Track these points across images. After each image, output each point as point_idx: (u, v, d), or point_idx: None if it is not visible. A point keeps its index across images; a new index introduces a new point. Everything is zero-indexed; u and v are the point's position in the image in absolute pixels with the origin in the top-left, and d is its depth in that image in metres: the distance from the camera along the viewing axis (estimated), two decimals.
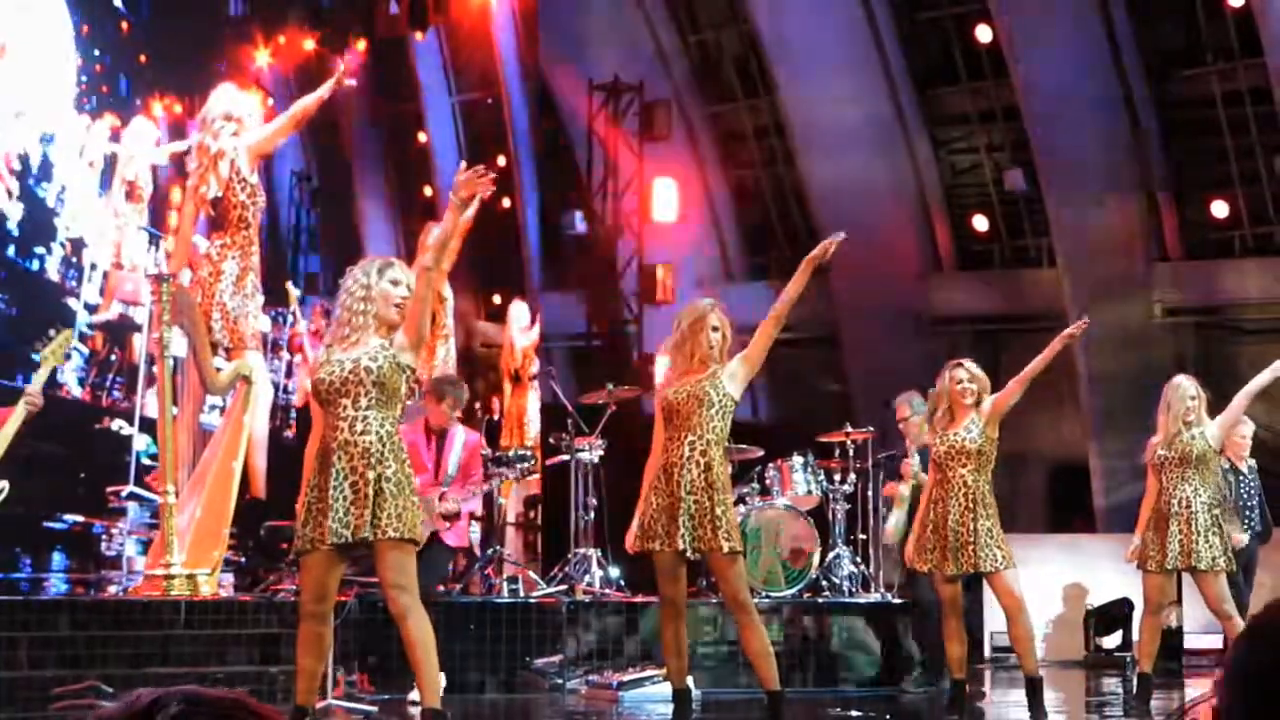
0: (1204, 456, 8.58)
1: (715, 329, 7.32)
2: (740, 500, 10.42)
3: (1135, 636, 10.27)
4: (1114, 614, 12.65)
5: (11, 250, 11.49)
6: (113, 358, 11.69)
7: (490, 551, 10.66)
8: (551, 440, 11.54)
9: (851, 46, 16.29)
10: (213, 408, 10.08)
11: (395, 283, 6.41)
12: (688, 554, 7.30)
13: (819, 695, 9.75)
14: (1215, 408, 8.73)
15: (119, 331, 11.85)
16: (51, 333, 9.75)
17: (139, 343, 11.67)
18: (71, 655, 8.28)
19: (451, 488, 9.70)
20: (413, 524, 6.27)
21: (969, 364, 8.33)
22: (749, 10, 16.66)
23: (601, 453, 10.89)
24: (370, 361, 6.30)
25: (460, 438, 9.91)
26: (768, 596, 10.27)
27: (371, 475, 6.22)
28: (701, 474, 7.19)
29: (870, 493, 11.55)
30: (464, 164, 6.56)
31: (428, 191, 17.04)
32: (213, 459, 9.93)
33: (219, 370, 9.45)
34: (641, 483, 7.40)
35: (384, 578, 6.35)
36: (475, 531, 10.87)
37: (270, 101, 13.14)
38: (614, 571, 10.93)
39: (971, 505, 8.05)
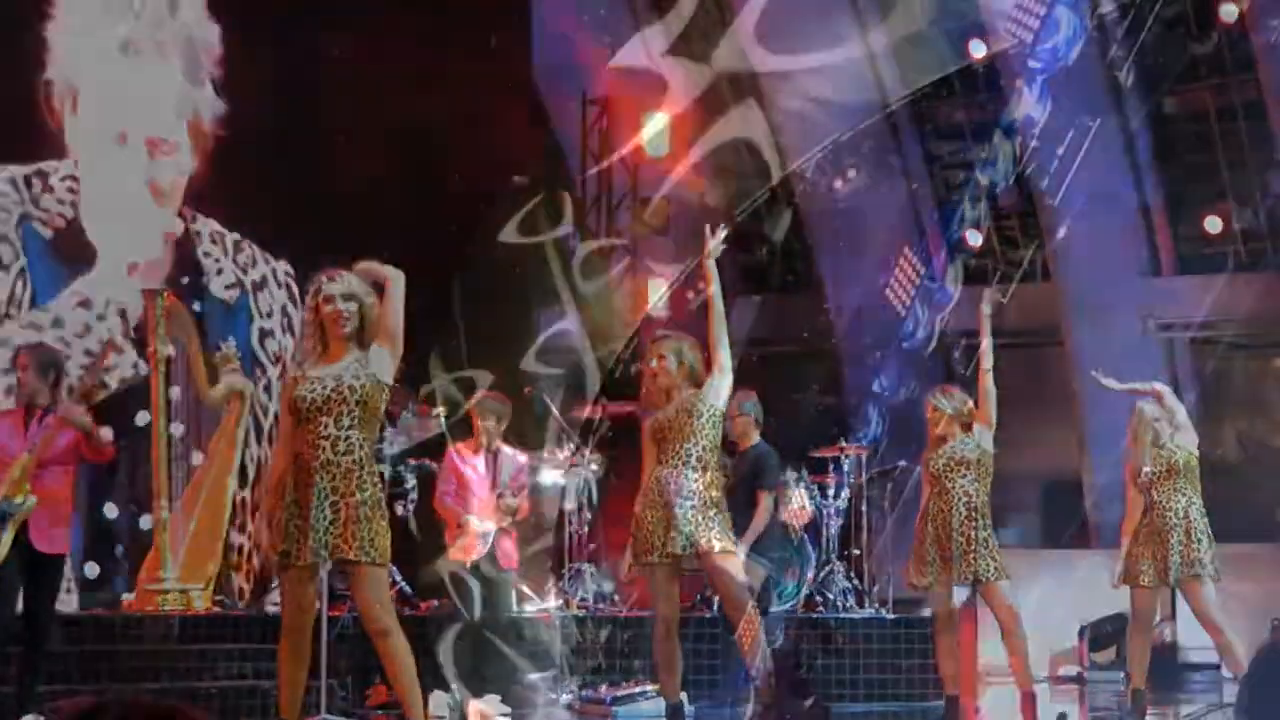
0: (1189, 463, 8.59)
1: (662, 357, 7.46)
2: None
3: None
4: (1108, 629, 12.63)
5: None
6: None
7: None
8: (545, 455, 11.50)
9: (845, 58, 16.28)
10: None
11: (328, 300, 6.33)
12: (682, 561, 7.32)
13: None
14: (1204, 419, 8.75)
15: None
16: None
17: None
18: (64, 671, 8.25)
19: (509, 488, 9.51)
20: (384, 548, 6.33)
21: (940, 396, 8.37)
22: (740, 21, 16.65)
23: (595, 467, 10.86)
24: (353, 380, 6.28)
25: (511, 455, 9.74)
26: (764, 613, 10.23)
27: (355, 498, 6.25)
28: (698, 477, 7.25)
29: (864, 508, 11.54)
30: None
31: None
32: (205, 475, 9.92)
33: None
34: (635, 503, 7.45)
35: (361, 597, 6.41)
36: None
37: None
38: (607, 585, 10.90)
39: (972, 514, 8.08)
